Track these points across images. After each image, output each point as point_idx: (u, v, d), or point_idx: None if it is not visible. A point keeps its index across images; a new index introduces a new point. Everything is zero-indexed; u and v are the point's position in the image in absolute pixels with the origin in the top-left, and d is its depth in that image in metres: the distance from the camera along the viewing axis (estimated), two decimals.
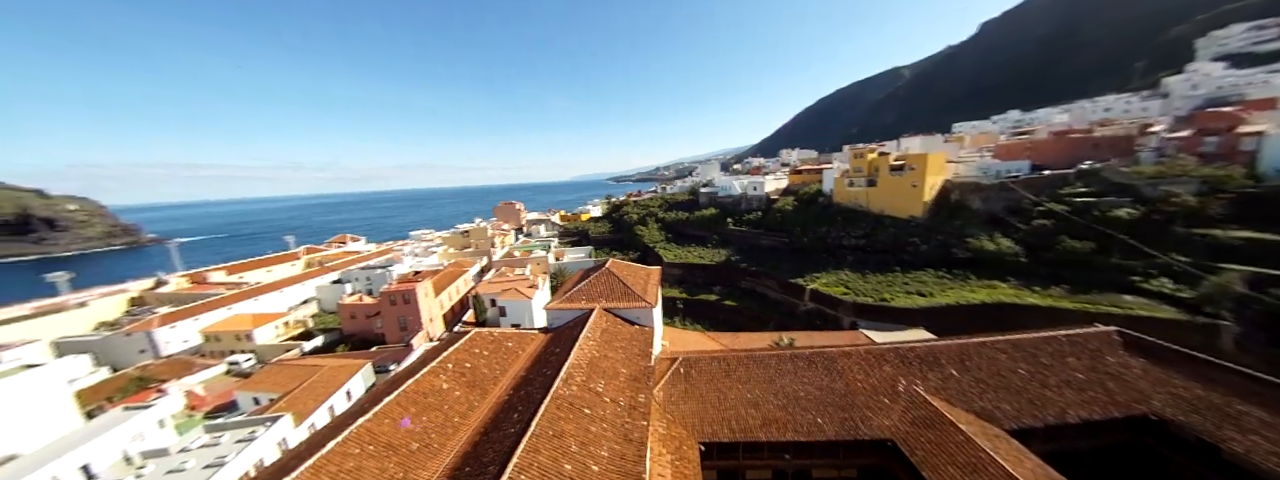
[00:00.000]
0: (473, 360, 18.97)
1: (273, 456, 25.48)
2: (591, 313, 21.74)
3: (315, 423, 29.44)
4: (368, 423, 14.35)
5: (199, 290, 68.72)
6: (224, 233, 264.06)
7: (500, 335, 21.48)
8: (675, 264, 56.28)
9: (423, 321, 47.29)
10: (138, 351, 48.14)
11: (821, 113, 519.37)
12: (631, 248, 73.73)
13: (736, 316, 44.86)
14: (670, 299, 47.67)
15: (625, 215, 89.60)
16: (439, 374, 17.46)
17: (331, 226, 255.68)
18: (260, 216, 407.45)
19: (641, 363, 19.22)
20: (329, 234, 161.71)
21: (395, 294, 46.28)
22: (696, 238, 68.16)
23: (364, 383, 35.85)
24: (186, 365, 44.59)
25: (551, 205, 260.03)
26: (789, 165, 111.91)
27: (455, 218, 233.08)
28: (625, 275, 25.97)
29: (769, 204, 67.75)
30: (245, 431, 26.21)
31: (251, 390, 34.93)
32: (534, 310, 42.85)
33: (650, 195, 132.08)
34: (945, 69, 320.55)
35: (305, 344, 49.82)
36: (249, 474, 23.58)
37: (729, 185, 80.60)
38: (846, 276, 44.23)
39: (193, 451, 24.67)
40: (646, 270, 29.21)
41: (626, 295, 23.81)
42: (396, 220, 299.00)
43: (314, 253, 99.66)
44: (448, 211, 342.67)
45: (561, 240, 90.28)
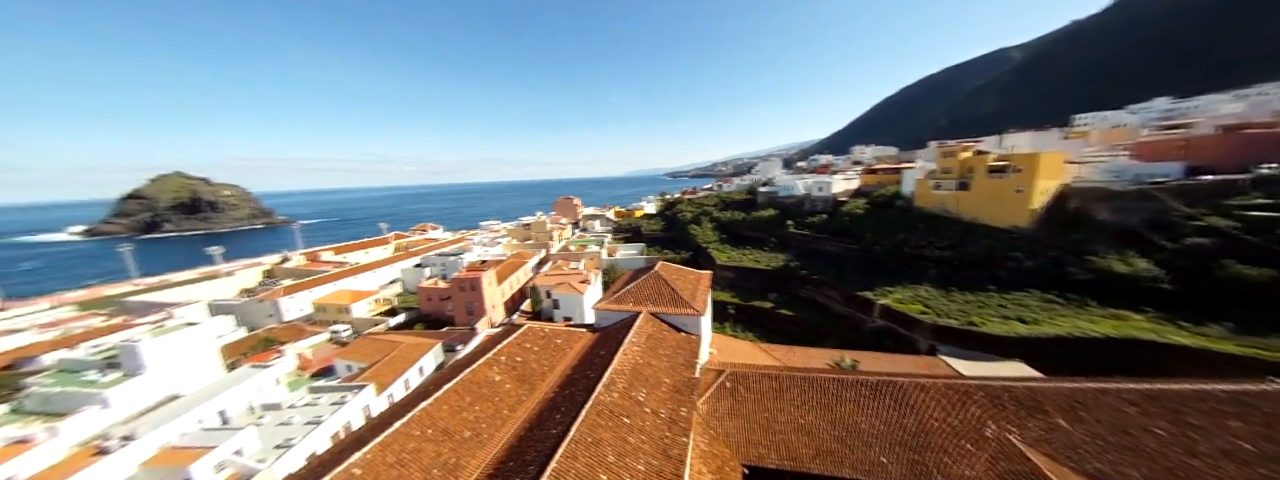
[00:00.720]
0: (523, 355, 19.85)
1: (358, 420, 29.22)
2: (637, 316, 21.65)
3: (393, 394, 33.17)
4: (429, 407, 15.61)
5: (313, 267, 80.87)
6: (336, 217, 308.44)
7: (550, 331, 22.23)
8: (728, 267, 54.39)
9: (486, 307, 51.08)
10: (266, 316, 57.96)
11: (904, 104, 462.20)
12: (683, 247, 72.76)
13: (792, 327, 42.12)
14: (721, 303, 46.24)
15: (679, 213, 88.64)
16: (493, 366, 18.52)
17: (416, 215, 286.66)
18: (361, 204, 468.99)
19: (686, 373, 18.74)
20: (414, 221, 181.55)
21: (464, 281, 50.43)
22: (753, 240, 65.28)
23: (434, 360, 39.57)
24: (300, 331, 52.71)
25: (607, 201, 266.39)
26: (862, 164, 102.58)
27: (519, 210, 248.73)
28: (674, 279, 25.51)
29: (836, 206, 62.60)
30: (339, 395, 30.29)
31: (347, 358, 40.24)
32: (585, 305, 44.16)
33: (705, 193, 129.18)
34: (1068, 48, 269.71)
35: (391, 320, 56.30)
36: (338, 435, 27.26)
37: (791, 185, 75.93)
38: (926, 292, 39.36)
39: (298, 408, 29.07)
40: (696, 275, 28.46)
41: (674, 301, 23.38)
42: (470, 210, 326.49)
43: (401, 238, 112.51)
44: (513, 203, 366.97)
45: (614, 236, 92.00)
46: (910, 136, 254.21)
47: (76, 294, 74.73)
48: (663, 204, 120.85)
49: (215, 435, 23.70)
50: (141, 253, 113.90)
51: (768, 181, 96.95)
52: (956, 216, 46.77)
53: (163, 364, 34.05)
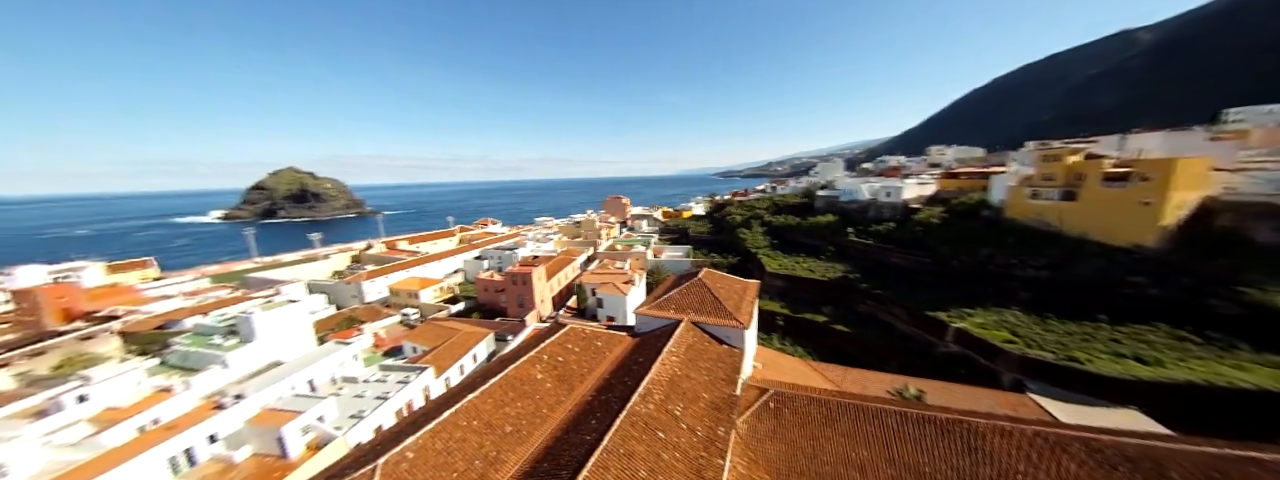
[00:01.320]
0: (565, 355, 20.23)
1: (418, 399, 31.86)
2: (678, 325, 21.12)
3: (449, 378, 35.75)
4: (475, 399, 16.41)
5: (391, 254, 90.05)
6: (413, 209, 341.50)
7: (591, 333, 22.45)
8: (779, 275, 51.62)
9: (536, 301, 53.37)
10: (351, 297, 65.45)
11: (994, 97, 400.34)
12: (732, 251, 70.47)
13: (848, 345, 38.84)
14: (769, 313, 44.03)
15: (727, 216, 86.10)
16: (536, 364, 19.06)
17: (479, 210, 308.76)
18: (434, 198, 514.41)
19: (726, 389, 17.93)
20: (477, 216, 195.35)
21: (517, 275, 53.10)
22: (808, 247, 61.41)
23: (486, 349, 42.09)
24: (377, 312, 58.84)
25: (656, 200, 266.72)
26: (940, 166, 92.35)
27: (571, 207, 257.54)
28: (718, 288, 24.59)
29: (907, 214, 56.84)
30: (404, 375, 33.23)
31: (413, 340, 44.14)
32: (628, 306, 44.40)
33: (757, 195, 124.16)
34: (1219, 27, 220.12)
35: (452, 307, 60.97)
36: (401, 411, 29.90)
37: (854, 189, 70.32)
38: (1015, 318, 34.28)
39: (370, 383, 32.31)
40: (743, 284, 27.21)
41: (716, 311, 22.51)
42: (527, 206, 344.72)
43: (465, 231, 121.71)
44: (567, 201, 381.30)
45: (661, 237, 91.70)
46: (1001, 135, 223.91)
47: (211, 268, 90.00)
48: (711, 205, 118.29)
49: (303, 401, 27.09)
50: (260, 235, 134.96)
51: (827, 184, 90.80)
52: (1058, 231, 40.21)
53: (270, 334, 39.81)
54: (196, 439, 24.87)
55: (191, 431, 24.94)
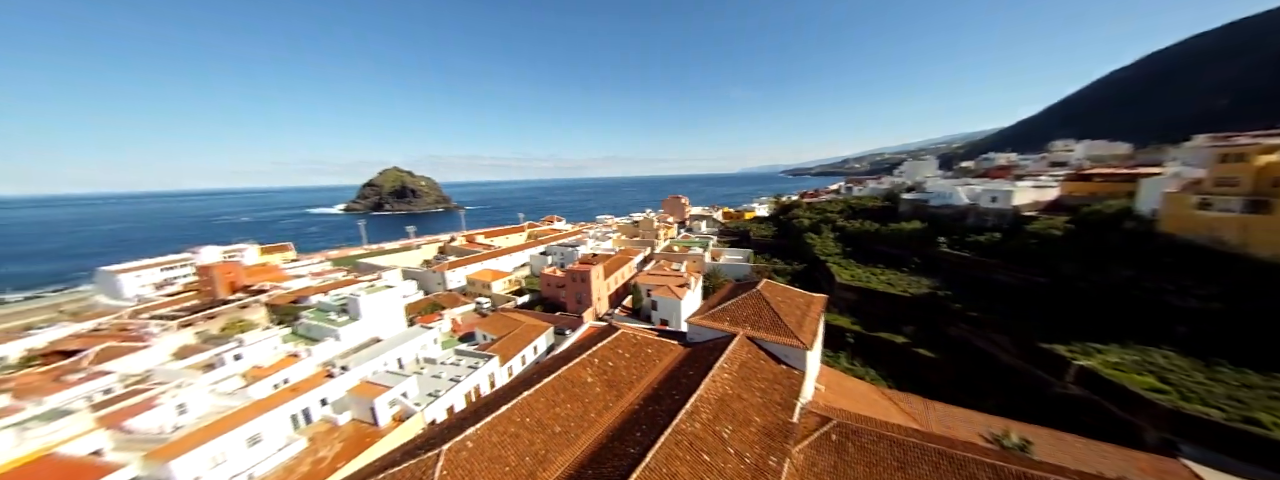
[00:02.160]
0: (615, 360, 20.37)
1: (484, 385, 34.52)
2: (732, 339, 20.13)
3: (512, 367, 38.26)
4: (529, 397, 17.17)
5: (470, 247, 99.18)
6: (490, 205, 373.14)
7: (642, 339, 22.36)
8: (851, 287, 47.07)
9: (593, 299, 54.99)
10: (436, 284, 73.23)
11: (1148, 76, 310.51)
12: (797, 257, 65.97)
13: (932, 373, 34.09)
14: (837, 329, 40.42)
15: (794, 219, 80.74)
16: (586, 367, 19.45)
17: (547, 206, 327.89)
18: (508, 195, 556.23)
19: (781, 414, 16.66)
20: (544, 213, 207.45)
21: (576, 272, 55.16)
22: (888, 257, 55.21)
23: (546, 342, 44.27)
24: (456, 299, 65.09)
25: (716, 200, 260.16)
26: (1066, 165, 77.36)
27: (632, 206, 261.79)
28: (778, 302, 22.98)
29: (1017, 223, 48.40)
30: (474, 360, 36.25)
31: (483, 328, 48.02)
32: (682, 310, 43.72)
33: (829, 196, 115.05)
34: None
35: (518, 299, 65.35)
36: (470, 395, 32.62)
37: (949, 191, 61.67)
38: (1167, 360, 27.37)
39: (445, 365, 35.71)
40: (807, 299, 25.14)
41: (775, 327, 21.03)
42: (590, 204, 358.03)
43: (533, 227, 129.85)
44: (627, 199, 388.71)
45: (720, 239, 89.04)
46: (1154, 127, 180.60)
47: (332, 253, 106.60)
48: (776, 207, 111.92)
49: (392, 378, 30.85)
50: (369, 226, 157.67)
51: (915, 185, 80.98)
52: (1238, 252, 31.24)
53: (372, 314, 46.06)
54: (313, 401, 29.57)
55: (310, 394, 29.71)
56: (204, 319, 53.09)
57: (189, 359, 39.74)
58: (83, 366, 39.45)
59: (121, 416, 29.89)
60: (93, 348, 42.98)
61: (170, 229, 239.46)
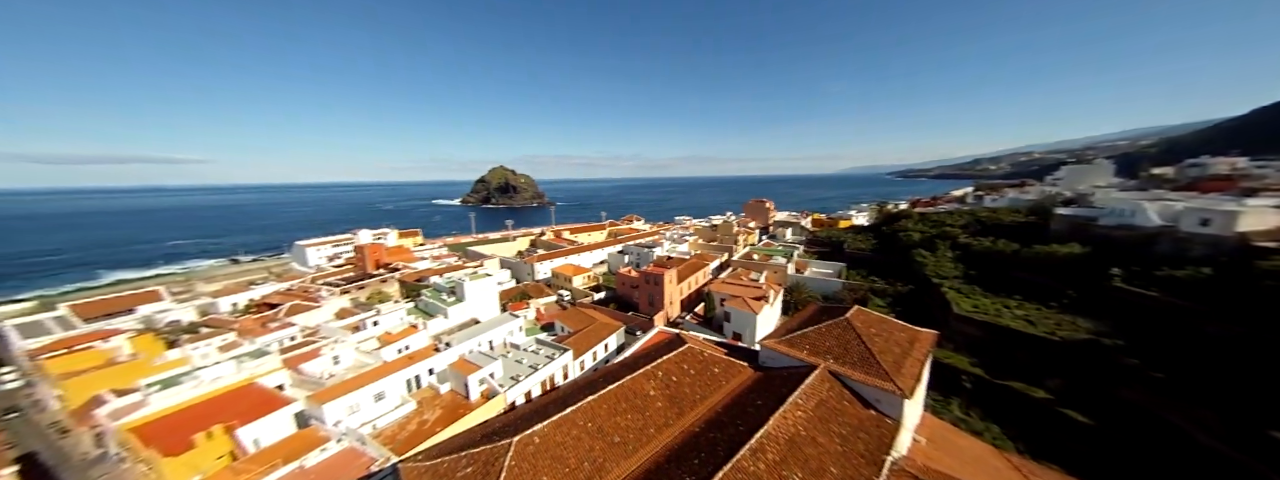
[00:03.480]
0: (679, 376, 19.94)
1: (558, 375, 36.85)
2: (811, 371, 18.15)
3: (584, 361, 40.21)
4: (594, 401, 17.69)
5: (557, 241, 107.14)
6: (577, 202, 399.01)
7: (709, 356, 21.52)
8: (972, 319, 39.24)
9: (665, 303, 55.10)
10: (526, 274, 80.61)
11: None
12: (902, 276, 57.27)
13: (1084, 444, 26.58)
14: (949, 368, 34.12)
15: (901, 231, 70.32)
16: (650, 379, 19.37)
17: (628, 205, 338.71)
18: (593, 192, 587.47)
19: (864, 470, 14.52)
20: (624, 211, 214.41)
21: (650, 275, 55.78)
22: (1029, 286, 44.84)
23: (617, 341, 45.59)
24: (542, 290, 70.87)
25: (806, 205, 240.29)
26: None
27: (711, 207, 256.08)
28: (873, 335, 20.08)
29: (1244, 256, 35.31)
30: (552, 351, 38.95)
31: (562, 321, 51.34)
32: (758, 325, 41.22)
33: (950, 205, 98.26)
34: None
35: (596, 295, 68.63)
36: (546, 383, 35.11)
37: (1130, 207, 47.69)
38: None
39: (527, 352, 38.96)
40: (910, 333, 21.54)
41: (865, 364, 18.41)
42: (669, 204, 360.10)
43: (614, 226, 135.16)
44: (708, 200, 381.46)
45: (807, 249, 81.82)
46: None
47: (449, 240, 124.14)
48: (879, 215, 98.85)
49: (483, 358, 34.76)
50: (478, 217, 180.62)
51: (1078, 197, 64.64)
52: None
53: (474, 298, 52.62)
54: (423, 370, 34.83)
55: (422, 363, 35.05)
56: (356, 288, 66.20)
57: (344, 320, 49.96)
58: (278, 317, 52.23)
59: (298, 361, 38.84)
60: (286, 304, 56.72)
61: (342, 213, 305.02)
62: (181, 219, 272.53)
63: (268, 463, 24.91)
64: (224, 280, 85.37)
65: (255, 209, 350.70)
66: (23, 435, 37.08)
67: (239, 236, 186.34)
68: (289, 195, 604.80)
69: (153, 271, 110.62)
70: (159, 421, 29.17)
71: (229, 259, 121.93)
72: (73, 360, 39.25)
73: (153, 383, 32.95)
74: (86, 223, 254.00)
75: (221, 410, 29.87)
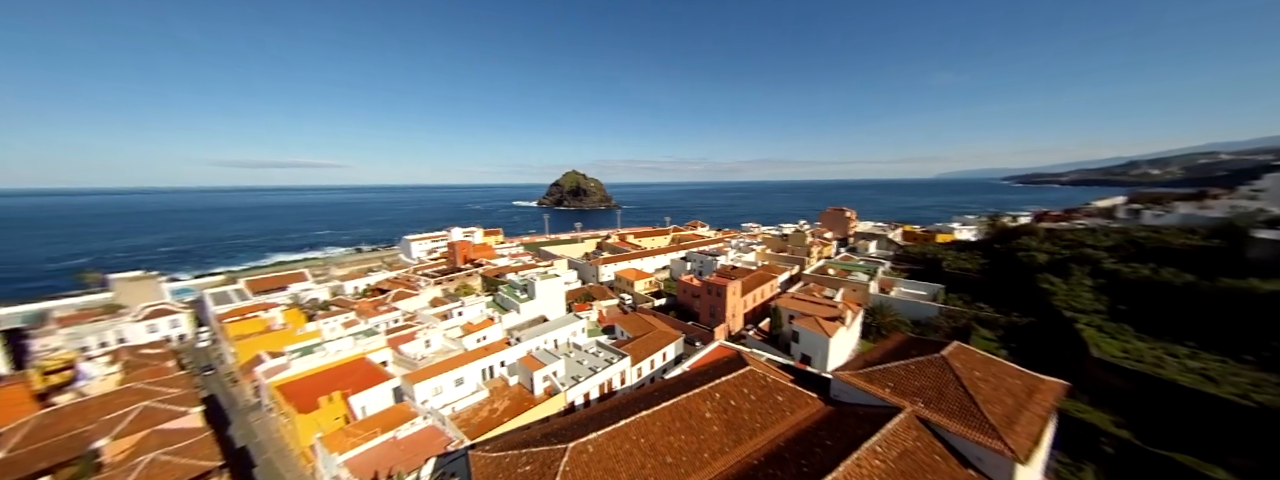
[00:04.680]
0: (739, 400, 18.95)
1: (616, 380, 37.47)
2: (894, 415, 15.94)
3: (641, 368, 40.40)
4: (647, 417, 17.56)
5: (621, 245, 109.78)
6: (642, 206, 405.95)
7: (773, 383, 20.12)
8: (1119, 368, 31.39)
9: (727, 315, 53.23)
10: (591, 276, 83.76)
11: None
12: (1020, 305, 47.97)
13: None
14: (1083, 426, 27.72)
15: (1020, 250, 59.20)
16: (706, 400, 18.70)
17: (692, 210, 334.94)
18: (658, 197, 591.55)
19: None
20: (689, 216, 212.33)
21: (712, 285, 54.34)
22: (1208, 331, 34.73)
23: (675, 351, 45.07)
24: (605, 292, 72.99)
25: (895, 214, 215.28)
26: None
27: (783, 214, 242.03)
28: (976, 378, 17.04)
29: None
30: (610, 355, 39.80)
31: (623, 325, 52.17)
32: (830, 349, 37.69)
33: (1092, 220, 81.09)
34: None
35: (657, 300, 68.83)
36: (603, 386, 35.90)
37: None
38: None
39: (587, 354, 40.26)
40: (1030, 382, 17.88)
41: (965, 414, 15.64)
42: (737, 209, 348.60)
43: (678, 231, 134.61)
44: (779, 206, 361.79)
45: (895, 266, 73.00)
46: None
47: (525, 239, 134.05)
48: (991, 229, 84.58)
49: (548, 356, 36.73)
50: (551, 219, 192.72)
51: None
52: None
53: (543, 296, 56.05)
54: (496, 361, 37.87)
55: (496, 355, 38.15)
56: (447, 280, 74.56)
57: (436, 308, 56.52)
58: (386, 302, 60.82)
59: (398, 342, 44.75)
60: (393, 290, 65.90)
61: (440, 211, 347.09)
62: (323, 213, 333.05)
63: (370, 429, 29.02)
64: (350, 266, 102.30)
65: (375, 207, 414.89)
66: (208, 382, 48.04)
67: (363, 229, 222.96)
68: (401, 195, 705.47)
69: (301, 256, 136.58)
70: (297, 382, 35.67)
71: (354, 248, 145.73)
72: (244, 326, 49.92)
73: (295, 349, 40.48)
74: (259, 215, 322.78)
75: (340, 378, 35.59)
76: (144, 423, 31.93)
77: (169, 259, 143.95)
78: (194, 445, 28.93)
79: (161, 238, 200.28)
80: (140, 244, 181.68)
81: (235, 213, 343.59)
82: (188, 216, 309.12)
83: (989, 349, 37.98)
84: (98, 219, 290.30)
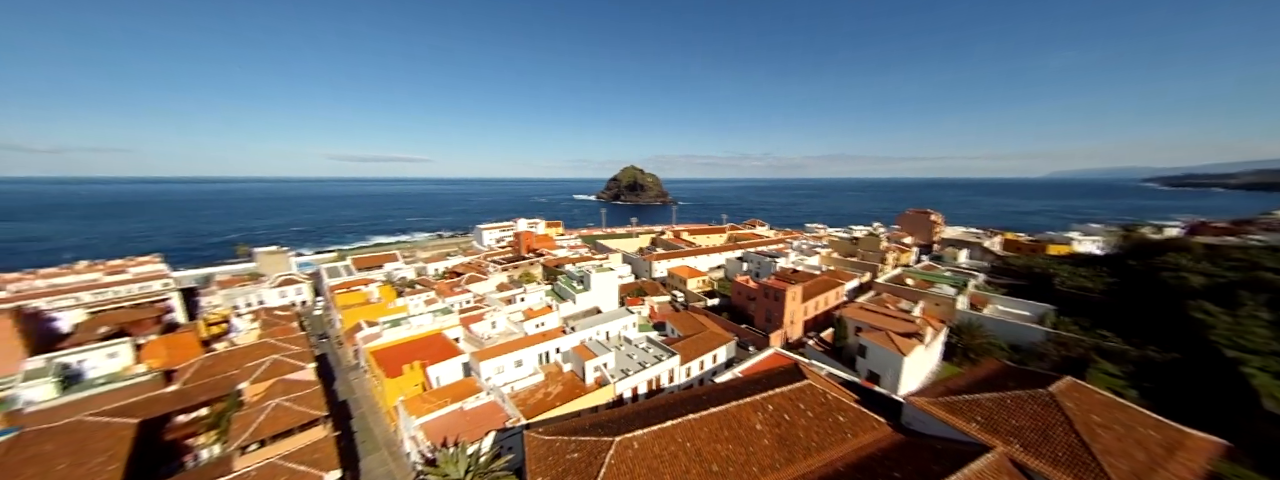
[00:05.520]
0: (793, 415, 17.83)
1: (664, 378, 37.52)
2: (982, 453, 13.84)
3: (690, 368, 39.99)
4: (694, 421, 17.25)
5: (675, 241, 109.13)
6: (698, 202, 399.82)
7: (833, 401, 18.60)
8: None
9: (784, 321, 50.48)
10: (645, 271, 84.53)
11: None
12: (1158, 338, 39.00)
13: None
14: None
15: (1170, 268, 48.00)
16: (758, 411, 17.86)
17: (752, 208, 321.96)
18: (715, 193, 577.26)
19: None
20: (748, 214, 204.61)
21: (770, 288, 51.78)
22: None
23: (727, 354, 43.90)
24: (657, 288, 73.27)
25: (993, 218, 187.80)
26: None
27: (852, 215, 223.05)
28: (1093, 424, 14.15)
29: None
30: (661, 352, 39.92)
31: (673, 323, 52.05)
32: (904, 370, 34.02)
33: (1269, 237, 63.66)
34: None
35: (709, 300, 67.56)
36: (651, 382, 36.14)
37: None
38: None
39: (637, 349, 40.75)
40: (1171, 434, 14.45)
41: (1075, 463, 13.07)
42: (800, 208, 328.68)
43: (735, 230, 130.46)
44: (850, 207, 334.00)
45: (992, 279, 63.62)
46: None
47: (583, 231, 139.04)
48: (1126, 242, 69.82)
49: (599, 347, 37.87)
50: (608, 212, 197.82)
51: None
52: None
53: (597, 288, 57.85)
54: (552, 347, 39.93)
55: (553, 341, 40.25)
56: (512, 267, 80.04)
57: (502, 292, 61.01)
58: (460, 284, 66.90)
59: (469, 321, 49.03)
60: (467, 273, 72.30)
61: (508, 203, 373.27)
62: (411, 202, 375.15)
63: (443, 398, 32.28)
64: (432, 250, 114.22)
65: (453, 198, 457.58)
66: (320, 345, 56.80)
67: (444, 217, 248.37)
68: (476, 187, 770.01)
69: (394, 239, 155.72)
70: (386, 350, 40.79)
71: (436, 234, 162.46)
72: (349, 297, 58.10)
73: (386, 321, 46.29)
74: (362, 202, 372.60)
75: (421, 350, 40.00)
76: (273, 372, 38.75)
77: (297, 236, 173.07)
78: (308, 396, 34.46)
79: (290, 219, 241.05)
80: (276, 223, 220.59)
81: (344, 200, 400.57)
82: (310, 202, 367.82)
83: (1113, 387, 31.65)
84: (245, 203, 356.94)
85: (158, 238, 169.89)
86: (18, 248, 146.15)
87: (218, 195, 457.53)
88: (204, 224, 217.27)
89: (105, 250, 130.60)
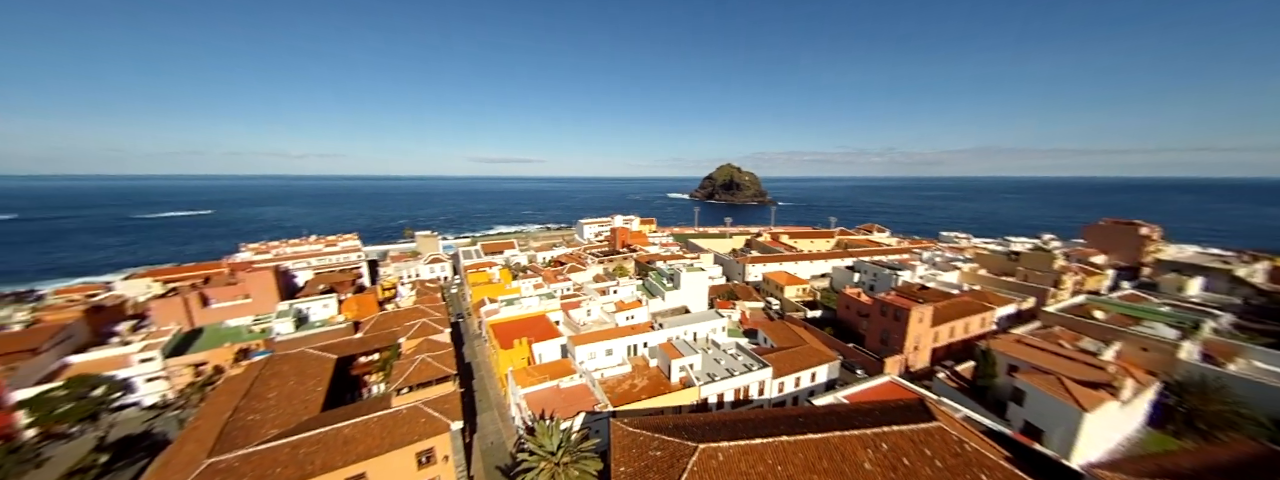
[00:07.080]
0: (916, 460, 14.99)
1: (753, 388, 35.46)
2: None
3: (783, 383, 37.04)
4: (789, 443, 15.81)
5: (772, 244, 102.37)
6: (803, 203, 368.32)
7: (973, 453, 15.05)
8: None
9: (905, 346, 43.28)
10: (737, 273, 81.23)
11: None
12: None
13: None
14: None
15: None
16: (868, 447, 15.50)
17: (867, 211, 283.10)
18: (823, 193, 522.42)
19: None
20: (862, 218, 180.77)
21: (889, 305, 44.83)
22: None
23: (827, 374, 39.57)
24: (749, 293, 69.79)
25: (1247, 238, 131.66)
26: None
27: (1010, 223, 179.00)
28: None
29: None
30: (750, 360, 37.87)
31: (767, 332, 48.96)
32: (1086, 430, 25.97)
33: None
34: None
35: (810, 312, 61.76)
36: (739, 391, 34.47)
37: None
38: None
39: (725, 354, 39.30)
40: None
41: None
42: (935, 212, 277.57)
43: (845, 235, 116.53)
44: (1006, 214, 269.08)
45: (1245, 323, 44.74)
46: None
47: (674, 229, 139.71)
48: None
49: (686, 347, 37.56)
50: (702, 211, 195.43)
51: None
52: None
53: (687, 287, 57.54)
54: (640, 341, 41.04)
55: (641, 335, 41.40)
56: (608, 260, 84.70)
57: (598, 283, 65.02)
58: (563, 273, 73.23)
59: (568, 307, 53.37)
60: (568, 263, 78.89)
61: (607, 200, 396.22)
62: (526, 198, 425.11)
63: (543, 374, 35.77)
64: (542, 240, 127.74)
65: (560, 194, 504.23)
66: (453, 312, 68.02)
67: (553, 211, 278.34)
68: (579, 185, 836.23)
69: (512, 229, 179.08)
70: (502, 325, 46.93)
71: (545, 226, 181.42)
72: (478, 276, 68.43)
73: (503, 299, 53.27)
74: (490, 198, 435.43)
75: (527, 328, 45.01)
76: (421, 332, 47.83)
77: (443, 224, 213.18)
78: (444, 355, 41.68)
79: (439, 210, 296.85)
80: (430, 213, 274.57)
81: (476, 195, 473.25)
82: (454, 196, 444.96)
83: None
84: (411, 196, 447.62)
85: (356, 221, 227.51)
86: (279, 223, 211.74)
87: (394, 189, 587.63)
88: (386, 211, 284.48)
89: (323, 228, 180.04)
